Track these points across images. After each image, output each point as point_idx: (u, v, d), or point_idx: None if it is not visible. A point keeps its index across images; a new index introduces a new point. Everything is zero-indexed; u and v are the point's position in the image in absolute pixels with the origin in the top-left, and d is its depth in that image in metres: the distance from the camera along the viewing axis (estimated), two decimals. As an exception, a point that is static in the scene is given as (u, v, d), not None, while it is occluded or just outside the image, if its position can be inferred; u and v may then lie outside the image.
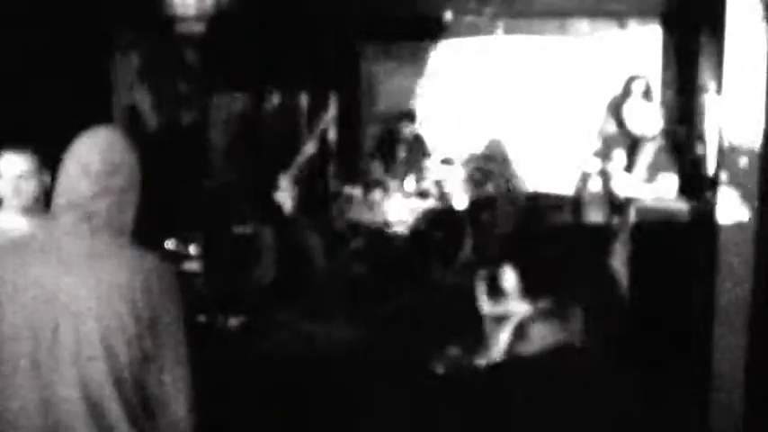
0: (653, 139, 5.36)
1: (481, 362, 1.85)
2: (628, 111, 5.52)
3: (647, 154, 5.33)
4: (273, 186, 5.75)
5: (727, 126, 3.25)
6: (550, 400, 1.74)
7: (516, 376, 1.77)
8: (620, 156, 5.45)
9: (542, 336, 1.77)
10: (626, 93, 6.16)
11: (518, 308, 1.76)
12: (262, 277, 5.72)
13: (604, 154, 5.62)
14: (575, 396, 1.76)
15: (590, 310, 1.83)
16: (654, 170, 5.28)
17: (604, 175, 5.58)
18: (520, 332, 1.76)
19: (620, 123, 5.58)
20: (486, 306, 1.80)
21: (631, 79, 6.29)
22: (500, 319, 1.79)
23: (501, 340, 1.77)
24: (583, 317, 1.81)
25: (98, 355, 1.82)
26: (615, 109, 5.86)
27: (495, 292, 1.80)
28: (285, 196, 5.70)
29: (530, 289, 1.75)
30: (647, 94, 6.07)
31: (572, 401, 1.75)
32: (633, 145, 5.43)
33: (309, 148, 5.89)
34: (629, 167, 5.39)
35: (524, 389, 1.75)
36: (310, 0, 7.16)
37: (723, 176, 3.26)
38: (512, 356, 1.80)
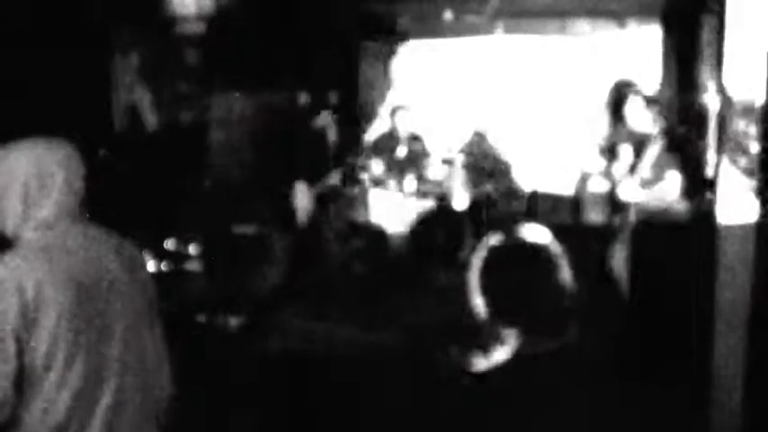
0: (655, 138, 5.36)
1: (482, 363, 1.87)
2: (629, 111, 5.52)
3: (650, 154, 5.33)
4: (285, 189, 5.78)
5: (727, 125, 3.25)
6: (551, 399, 1.74)
7: (517, 376, 1.78)
8: (624, 155, 5.45)
9: (539, 343, 1.78)
10: (625, 94, 6.15)
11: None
12: (269, 277, 5.73)
13: (607, 153, 5.62)
14: (574, 396, 1.76)
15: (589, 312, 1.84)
16: (658, 170, 5.27)
17: (607, 174, 5.58)
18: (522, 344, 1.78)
19: (621, 125, 5.58)
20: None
21: (628, 84, 6.28)
22: (489, 331, 1.80)
23: (501, 351, 1.79)
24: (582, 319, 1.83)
25: (140, 328, 2.04)
26: (615, 110, 5.86)
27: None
28: (302, 206, 5.82)
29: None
30: (644, 96, 6.06)
31: (572, 401, 1.75)
32: (636, 145, 5.43)
33: (334, 178, 6.05)
34: (632, 167, 5.39)
35: (526, 388, 1.75)
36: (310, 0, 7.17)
37: (723, 176, 3.27)
38: (512, 357, 1.81)
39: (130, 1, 6.04)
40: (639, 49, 7.58)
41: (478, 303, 1.72)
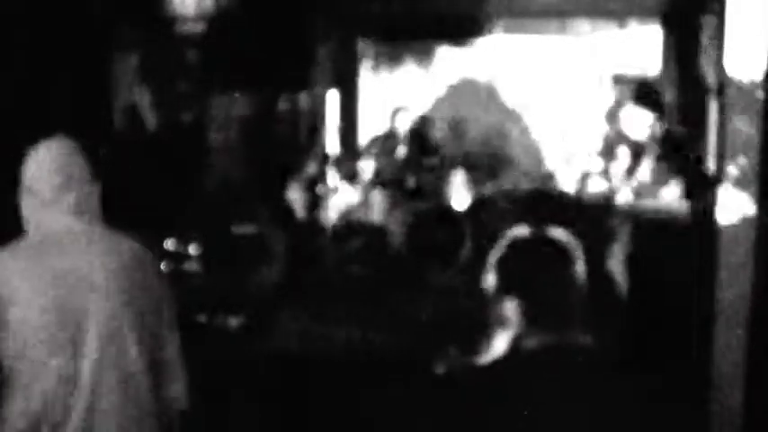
0: (655, 141, 5.35)
1: (481, 360, 1.87)
2: (625, 116, 5.51)
3: (650, 155, 5.33)
4: (282, 187, 5.78)
5: (727, 125, 3.25)
6: (550, 398, 1.74)
7: (516, 374, 1.77)
8: (622, 156, 5.45)
9: (539, 339, 1.78)
10: (625, 98, 6.14)
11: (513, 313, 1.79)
12: (268, 277, 5.72)
13: (606, 154, 5.62)
14: (574, 395, 1.76)
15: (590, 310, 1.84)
16: (657, 171, 5.27)
17: (606, 175, 5.57)
18: (517, 339, 1.78)
19: (618, 128, 5.58)
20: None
21: (637, 85, 6.26)
22: (500, 322, 1.80)
23: (498, 344, 1.79)
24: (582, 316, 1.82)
25: (121, 329, 1.99)
26: (613, 114, 5.85)
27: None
28: (296, 200, 5.80)
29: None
30: (647, 99, 6.04)
31: (571, 400, 1.75)
32: (635, 146, 5.42)
33: (311, 166, 6.03)
34: (631, 168, 5.39)
35: (524, 387, 1.75)
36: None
37: (723, 176, 3.27)
38: (511, 354, 1.81)
39: (130, 1, 6.04)
40: (639, 49, 7.58)
41: (492, 292, 1.74)
